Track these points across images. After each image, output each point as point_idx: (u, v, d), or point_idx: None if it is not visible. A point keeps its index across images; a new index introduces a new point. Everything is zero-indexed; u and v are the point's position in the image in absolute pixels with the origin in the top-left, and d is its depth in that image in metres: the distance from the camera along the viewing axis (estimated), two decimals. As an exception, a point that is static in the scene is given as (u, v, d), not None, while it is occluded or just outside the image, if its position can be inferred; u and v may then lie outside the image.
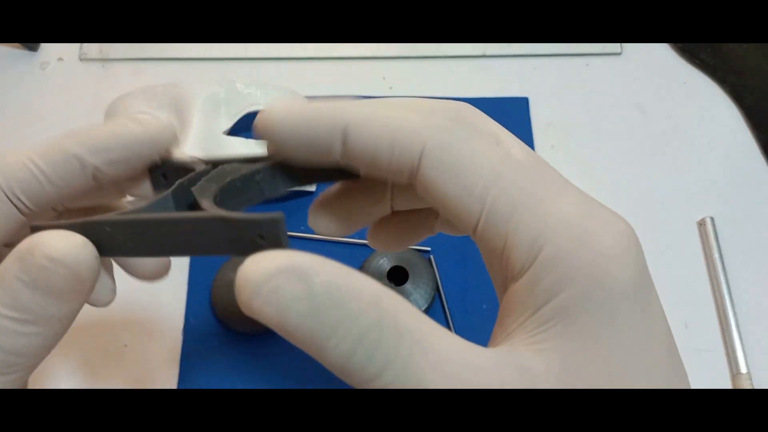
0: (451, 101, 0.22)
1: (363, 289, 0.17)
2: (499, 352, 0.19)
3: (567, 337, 0.18)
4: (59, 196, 0.24)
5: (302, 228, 0.48)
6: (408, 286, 0.44)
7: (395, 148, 0.20)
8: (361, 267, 0.46)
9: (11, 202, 0.24)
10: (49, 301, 0.20)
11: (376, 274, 0.45)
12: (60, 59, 0.56)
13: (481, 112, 0.23)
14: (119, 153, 0.24)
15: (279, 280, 0.17)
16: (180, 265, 0.47)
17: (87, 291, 0.21)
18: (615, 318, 0.19)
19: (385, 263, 0.45)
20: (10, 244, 0.23)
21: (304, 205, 0.49)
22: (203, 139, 0.44)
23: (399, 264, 0.45)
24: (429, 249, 0.47)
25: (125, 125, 0.24)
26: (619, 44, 0.56)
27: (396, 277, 0.45)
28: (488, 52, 0.56)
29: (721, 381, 0.45)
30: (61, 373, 0.44)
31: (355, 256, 0.47)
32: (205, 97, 0.46)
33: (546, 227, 0.19)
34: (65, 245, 0.20)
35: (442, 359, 0.18)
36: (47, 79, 0.55)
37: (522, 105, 0.53)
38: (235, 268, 0.44)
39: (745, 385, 0.44)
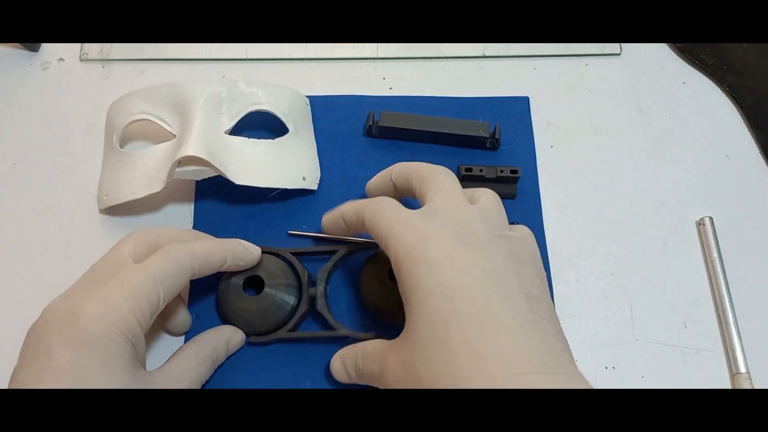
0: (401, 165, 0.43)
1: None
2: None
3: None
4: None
5: (303, 227, 0.48)
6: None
7: (352, 219, 0.41)
8: (362, 267, 0.46)
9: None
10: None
11: (376, 275, 0.44)
12: (60, 59, 0.56)
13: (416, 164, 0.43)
14: (236, 263, 0.43)
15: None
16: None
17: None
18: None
19: (385, 264, 0.45)
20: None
21: (305, 203, 0.49)
22: (205, 139, 0.44)
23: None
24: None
25: (249, 250, 0.43)
26: (618, 44, 0.56)
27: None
28: (488, 53, 0.56)
29: (720, 381, 0.45)
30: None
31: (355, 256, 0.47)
32: (206, 97, 0.46)
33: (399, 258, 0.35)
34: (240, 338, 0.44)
35: None
36: (48, 80, 0.55)
37: (523, 105, 0.53)
38: (240, 273, 0.44)
39: (745, 385, 0.44)
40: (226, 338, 0.43)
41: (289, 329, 0.44)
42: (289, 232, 0.48)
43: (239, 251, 0.42)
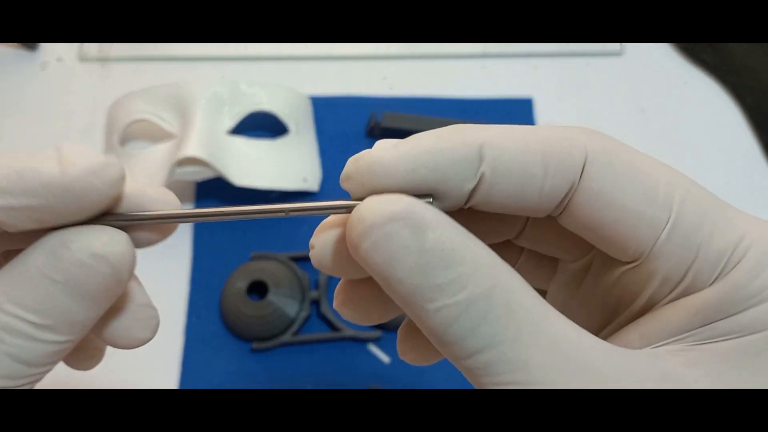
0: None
1: (479, 255, 0.16)
2: (633, 352, 0.17)
3: (738, 364, 0.16)
4: None
5: (305, 228, 0.48)
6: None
7: (549, 167, 0.16)
8: None
9: None
10: (81, 304, 0.17)
11: None
12: (59, 59, 0.56)
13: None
14: (19, 200, 0.17)
15: (393, 226, 0.16)
16: (180, 265, 0.47)
17: (117, 295, 0.18)
18: None
19: None
20: None
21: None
22: (206, 140, 0.44)
23: None
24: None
25: (37, 163, 0.17)
26: (619, 44, 0.56)
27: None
28: (489, 52, 0.56)
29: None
30: (60, 373, 0.44)
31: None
32: (207, 97, 0.46)
33: (744, 236, 0.16)
34: (108, 239, 0.17)
35: (556, 342, 0.16)
36: (47, 79, 0.55)
37: (526, 107, 0.53)
38: (243, 277, 0.44)
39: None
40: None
41: (292, 333, 0.44)
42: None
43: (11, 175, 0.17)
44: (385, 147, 0.17)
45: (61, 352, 0.18)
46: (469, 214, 0.18)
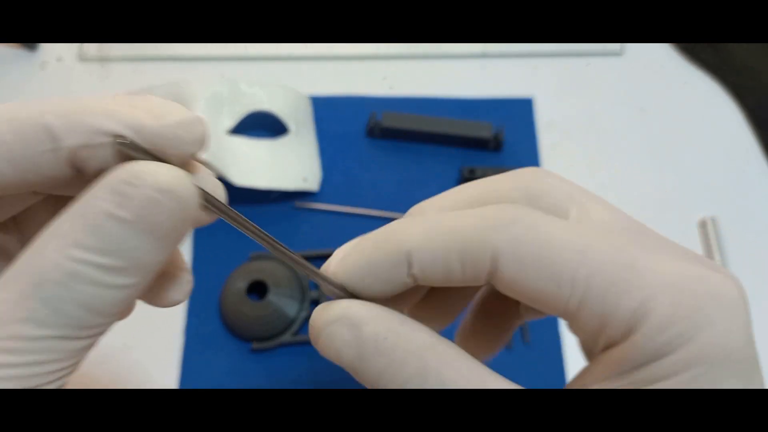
0: (514, 171, 0.21)
1: (411, 339, 0.19)
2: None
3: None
4: (23, 181, 0.18)
5: (305, 228, 0.48)
6: None
7: (465, 263, 0.19)
8: None
9: None
10: (150, 243, 0.17)
11: None
12: (59, 59, 0.56)
13: (549, 172, 0.22)
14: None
15: (334, 327, 0.20)
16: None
17: (183, 236, 0.18)
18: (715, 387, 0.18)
19: None
20: None
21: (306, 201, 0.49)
22: (205, 140, 0.44)
23: None
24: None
25: (134, 110, 0.17)
26: (619, 44, 0.56)
27: None
28: (489, 52, 0.56)
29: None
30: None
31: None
32: (207, 97, 0.46)
33: (649, 295, 0.18)
34: (175, 173, 0.17)
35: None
36: (46, 79, 0.55)
37: (526, 106, 0.53)
38: (242, 277, 0.44)
39: (747, 385, 0.44)
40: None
41: (292, 333, 0.44)
42: (296, 204, 0.48)
43: (139, 116, 0.18)
44: (335, 258, 0.21)
45: (131, 297, 0.18)
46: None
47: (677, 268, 0.18)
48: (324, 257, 0.46)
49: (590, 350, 0.20)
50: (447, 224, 0.19)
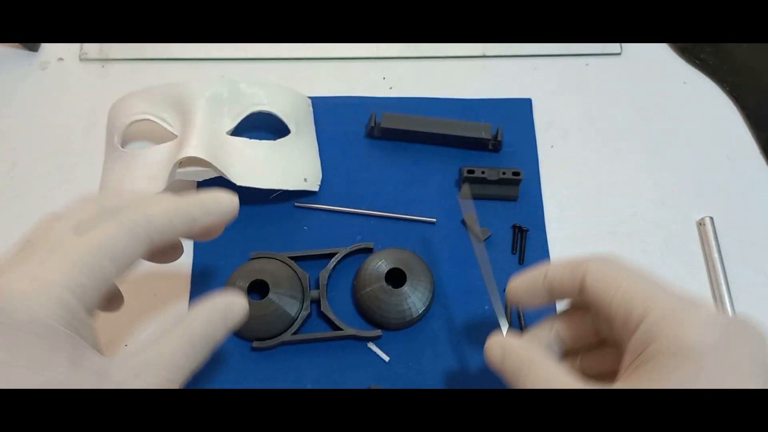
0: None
1: (527, 358, 0.33)
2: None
3: (641, 377, 0.29)
4: (174, 240, 0.34)
5: (305, 228, 0.48)
6: (406, 288, 0.44)
7: (622, 306, 0.31)
8: (360, 269, 0.46)
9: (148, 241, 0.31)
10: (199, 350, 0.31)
11: (374, 276, 0.45)
12: (60, 59, 0.56)
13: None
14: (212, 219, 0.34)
15: (490, 357, 0.34)
16: (181, 265, 0.47)
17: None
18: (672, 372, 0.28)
19: (383, 265, 0.45)
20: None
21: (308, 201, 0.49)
22: (206, 140, 0.44)
23: (397, 266, 0.45)
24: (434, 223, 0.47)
25: (230, 202, 0.35)
26: (619, 44, 0.56)
27: (394, 279, 0.45)
28: (488, 53, 0.56)
29: None
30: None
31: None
32: (207, 97, 0.46)
33: (648, 306, 0.30)
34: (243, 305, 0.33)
35: (552, 379, 0.31)
36: (47, 80, 0.55)
37: (525, 106, 0.53)
38: (243, 276, 0.44)
39: (745, 384, 0.44)
40: (222, 309, 0.32)
41: (293, 332, 0.44)
42: (296, 204, 0.49)
43: (209, 204, 0.33)
44: (515, 280, 0.36)
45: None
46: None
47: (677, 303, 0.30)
48: (324, 257, 0.47)
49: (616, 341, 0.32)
50: (564, 264, 0.34)
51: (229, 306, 0.32)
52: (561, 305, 0.40)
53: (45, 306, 0.27)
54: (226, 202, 0.34)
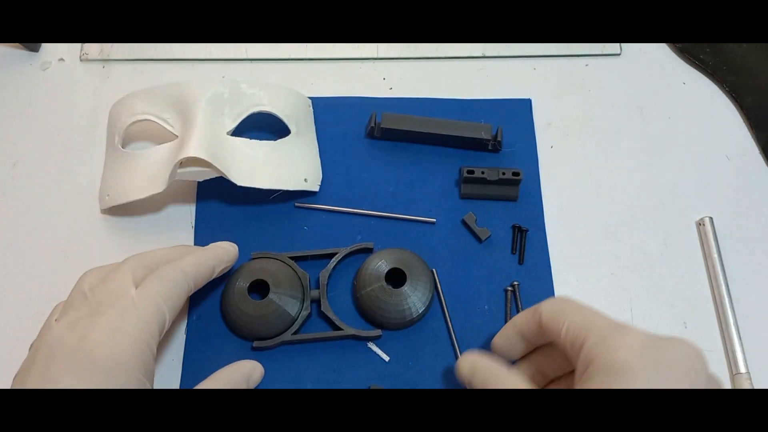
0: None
1: (494, 372, 0.38)
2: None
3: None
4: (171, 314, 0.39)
5: (305, 228, 0.48)
6: (406, 288, 0.44)
7: (568, 335, 0.36)
8: (360, 269, 0.46)
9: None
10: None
11: (374, 276, 0.45)
12: (61, 59, 0.56)
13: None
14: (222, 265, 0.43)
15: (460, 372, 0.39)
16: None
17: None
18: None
19: (383, 265, 0.45)
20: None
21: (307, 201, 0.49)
22: (207, 140, 0.44)
23: (397, 266, 0.45)
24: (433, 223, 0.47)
25: (230, 254, 0.44)
26: (618, 44, 0.56)
27: (394, 279, 0.45)
28: (488, 53, 0.56)
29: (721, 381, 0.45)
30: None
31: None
32: (208, 97, 0.46)
33: (587, 332, 0.35)
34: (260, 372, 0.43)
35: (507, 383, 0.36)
36: (48, 80, 0.55)
37: (525, 107, 0.53)
38: (244, 276, 0.44)
39: (745, 385, 0.44)
40: (245, 375, 0.42)
41: (293, 332, 0.44)
42: (296, 204, 0.49)
43: (222, 256, 0.43)
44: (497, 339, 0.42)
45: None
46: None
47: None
48: (324, 257, 0.47)
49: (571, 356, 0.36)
50: (523, 314, 0.40)
51: (251, 370, 0.42)
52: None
53: (124, 352, 0.34)
54: (233, 252, 0.44)
